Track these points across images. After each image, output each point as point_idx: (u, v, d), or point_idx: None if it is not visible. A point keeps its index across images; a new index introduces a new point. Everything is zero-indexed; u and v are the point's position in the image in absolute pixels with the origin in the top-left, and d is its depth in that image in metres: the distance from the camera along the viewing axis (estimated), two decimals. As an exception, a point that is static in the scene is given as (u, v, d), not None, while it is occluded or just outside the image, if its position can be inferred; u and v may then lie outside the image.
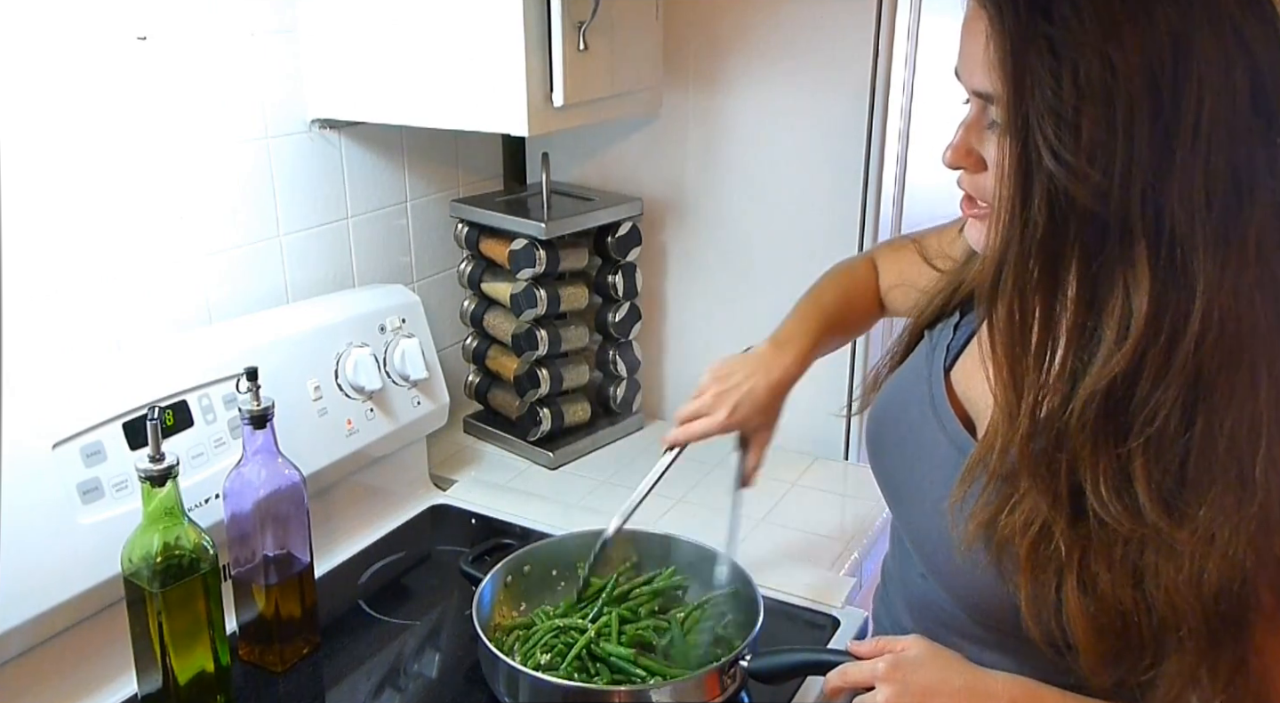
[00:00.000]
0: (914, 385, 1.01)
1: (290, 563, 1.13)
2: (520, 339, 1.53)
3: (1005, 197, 0.76)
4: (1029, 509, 0.79)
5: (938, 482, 0.91)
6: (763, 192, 1.56)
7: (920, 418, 0.97)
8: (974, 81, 0.79)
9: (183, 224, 1.26)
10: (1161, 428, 0.73)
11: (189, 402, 1.13)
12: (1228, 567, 0.72)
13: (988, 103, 0.78)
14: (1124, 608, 0.76)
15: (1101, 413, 0.75)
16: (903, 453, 0.99)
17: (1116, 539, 0.76)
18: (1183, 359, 0.72)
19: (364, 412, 1.33)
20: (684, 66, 1.56)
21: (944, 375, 0.98)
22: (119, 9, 1.14)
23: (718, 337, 1.66)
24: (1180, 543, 0.73)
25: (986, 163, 0.81)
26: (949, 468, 0.90)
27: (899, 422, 1.01)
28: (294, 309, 1.36)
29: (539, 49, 1.22)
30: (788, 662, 1.02)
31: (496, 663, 1.04)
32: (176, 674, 1.01)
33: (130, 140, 1.18)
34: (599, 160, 1.68)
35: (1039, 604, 0.80)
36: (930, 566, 0.93)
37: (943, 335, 1.02)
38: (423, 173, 1.60)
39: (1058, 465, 0.78)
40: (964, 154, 0.83)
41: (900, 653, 0.86)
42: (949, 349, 1.00)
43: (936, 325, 1.04)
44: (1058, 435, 0.77)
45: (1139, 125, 0.70)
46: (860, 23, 1.42)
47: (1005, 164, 0.75)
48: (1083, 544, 0.77)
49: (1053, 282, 0.76)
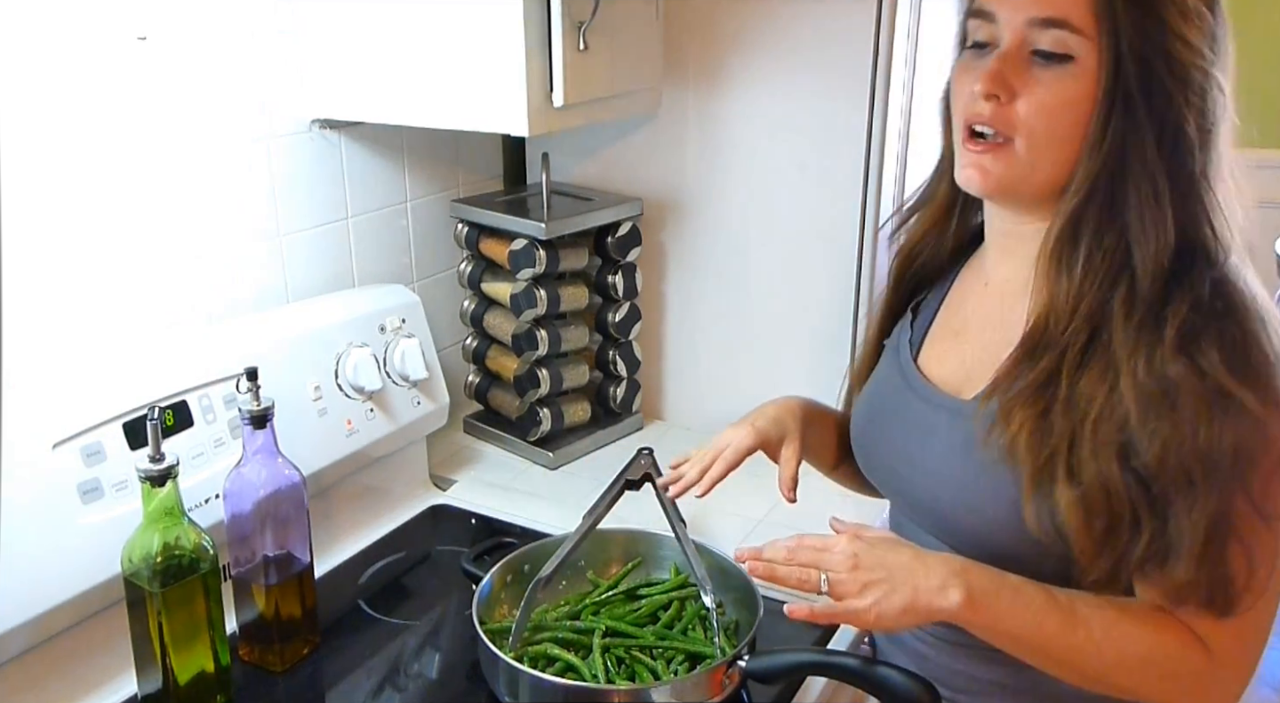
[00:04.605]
0: (887, 381, 1.10)
1: (290, 563, 1.13)
2: (520, 339, 1.53)
3: (1055, 125, 0.88)
4: (1036, 393, 0.90)
5: (935, 445, 1.01)
6: (763, 192, 1.56)
7: (901, 404, 1.06)
8: (1048, 9, 0.86)
9: (183, 224, 1.26)
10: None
11: (189, 402, 1.13)
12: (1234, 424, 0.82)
13: (1054, 30, 0.86)
14: (1111, 487, 0.85)
15: (1150, 298, 0.86)
16: (894, 439, 1.06)
17: (1105, 419, 0.86)
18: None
19: (364, 412, 1.33)
20: (684, 66, 1.56)
21: (911, 357, 1.07)
22: (119, 9, 1.14)
23: (718, 337, 1.67)
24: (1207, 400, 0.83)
25: (1017, 93, 0.88)
26: (944, 429, 1.00)
27: (883, 416, 1.09)
28: (294, 309, 1.36)
29: (539, 49, 1.22)
30: (787, 662, 1.02)
31: (496, 663, 1.04)
32: (176, 674, 1.01)
33: (130, 140, 1.18)
34: (599, 160, 1.68)
35: (1038, 499, 0.89)
36: (942, 524, 1.01)
37: (901, 334, 1.11)
38: (423, 173, 1.60)
39: (1076, 348, 0.89)
40: (1001, 84, 0.88)
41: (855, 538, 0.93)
42: (911, 343, 1.09)
43: (892, 332, 1.13)
44: (1094, 319, 0.88)
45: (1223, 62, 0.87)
46: (860, 23, 1.42)
47: (1069, 91, 0.87)
48: (1075, 429, 0.87)
49: (1112, 198, 0.88)
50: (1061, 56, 0.87)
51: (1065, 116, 0.88)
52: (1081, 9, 0.86)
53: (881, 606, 0.89)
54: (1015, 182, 0.92)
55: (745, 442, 1.12)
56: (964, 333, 1.05)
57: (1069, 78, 0.87)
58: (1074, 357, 0.89)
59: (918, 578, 0.89)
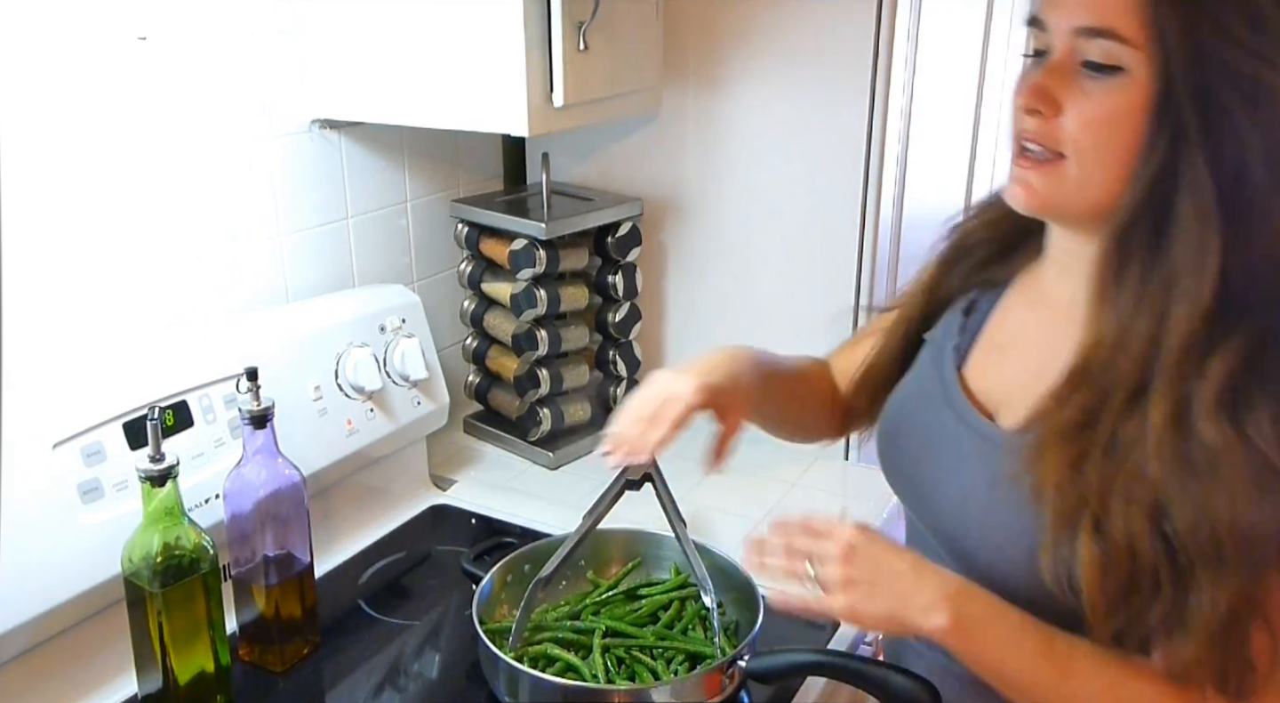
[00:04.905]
0: (925, 390, 1.01)
1: (290, 563, 1.13)
2: (520, 339, 1.53)
3: (1105, 141, 0.81)
4: (1074, 434, 0.83)
5: (962, 470, 0.94)
6: (763, 192, 1.56)
7: (935, 417, 0.98)
8: (1093, 17, 0.80)
9: (183, 224, 1.26)
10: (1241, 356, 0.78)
11: (189, 402, 1.13)
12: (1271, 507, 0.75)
13: (1101, 40, 0.79)
14: (1136, 547, 0.78)
15: (1193, 340, 0.79)
16: (921, 454, 0.99)
17: (1142, 474, 0.79)
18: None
19: (364, 412, 1.33)
20: (684, 66, 1.56)
21: (955, 373, 0.99)
22: (119, 9, 1.14)
23: (718, 337, 1.66)
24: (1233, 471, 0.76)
25: (1063, 107, 0.82)
26: (974, 456, 0.93)
27: (914, 427, 1.01)
28: (294, 309, 1.36)
29: (539, 49, 1.22)
30: (787, 662, 1.02)
31: (496, 663, 1.04)
32: (176, 674, 1.01)
33: (130, 140, 1.18)
34: (599, 160, 1.68)
35: (1057, 548, 0.82)
36: (956, 549, 0.94)
37: (946, 338, 1.02)
38: (423, 173, 1.60)
39: (1122, 391, 0.81)
40: (1043, 98, 0.83)
41: (860, 531, 0.89)
42: (957, 350, 1.00)
43: (933, 329, 1.04)
44: (1144, 360, 0.81)
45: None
46: (860, 23, 1.42)
47: (1118, 105, 0.80)
48: (1109, 480, 0.80)
49: (1161, 221, 0.80)
50: (1111, 68, 0.80)
51: (1116, 133, 0.80)
52: (1129, 17, 0.78)
53: (859, 608, 0.86)
54: (1064, 200, 0.85)
55: (693, 400, 0.97)
56: (1010, 349, 0.97)
57: (1119, 91, 0.80)
58: (1118, 401, 0.81)
59: (907, 590, 0.85)
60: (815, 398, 1.17)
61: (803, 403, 1.16)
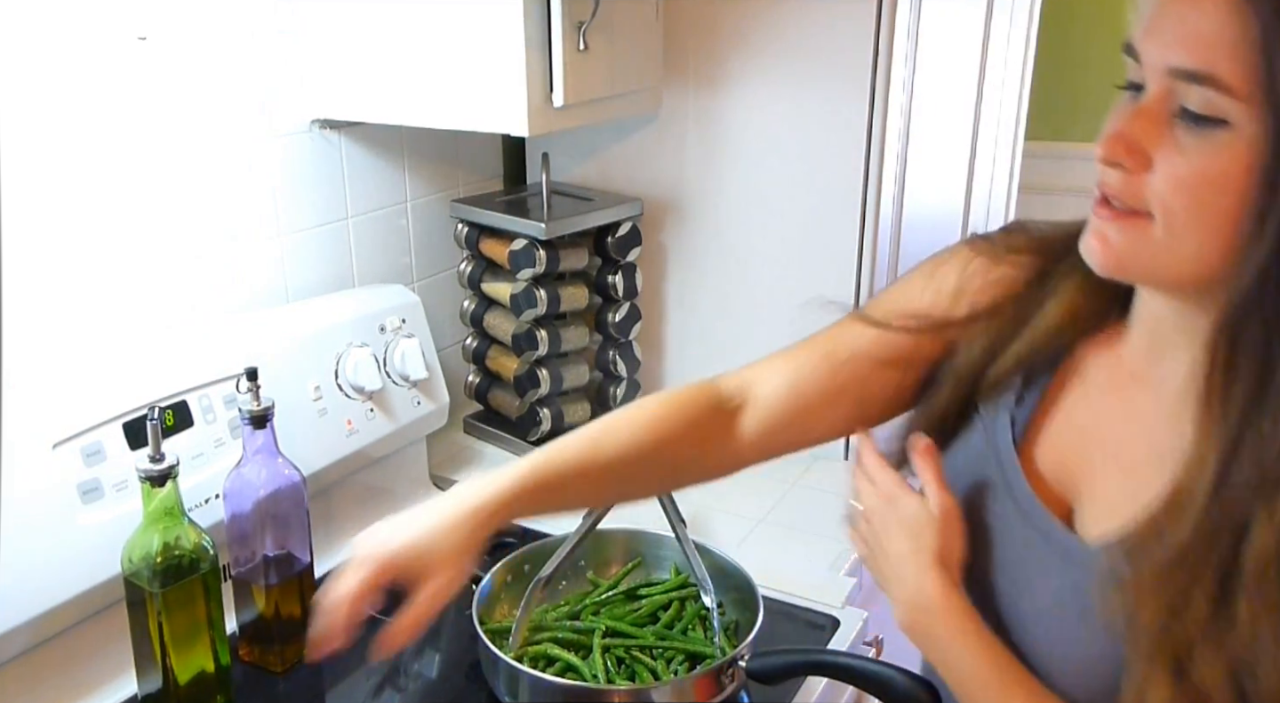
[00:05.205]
0: (976, 468, 0.85)
1: (290, 563, 1.13)
2: (520, 339, 1.53)
3: (1201, 205, 0.66)
4: (1176, 572, 0.69)
5: (1027, 580, 0.80)
6: (763, 191, 1.56)
7: (995, 510, 0.83)
8: (1192, 58, 0.65)
9: (183, 224, 1.26)
10: None
11: (189, 402, 1.13)
12: None
13: (1201, 87, 0.65)
14: (1211, 700, 0.68)
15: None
16: (978, 549, 0.83)
17: (1236, 622, 0.67)
18: None
19: (364, 412, 1.33)
20: (684, 66, 1.56)
21: (1014, 453, 0.83)
22: (119, 9, 1.14)
23: (718, 337, 1.66)
24: None
25: (1152, 161, 0.68)
26: (1047, 566, 0.79)
27: (965, 513, 0.84)
28: (294, 309, 1.36)
29: (539, 49, 1.22)
30: (787, 662, 1.02)
31: (496, 663, 1.04)
32: (176, 674, 1.01)
33: (130, 140, 1.18)
34: (599, 160, 1.68)
35: (1132, 685, 0.71)
36: (1013, 642, 0.81)
37: (1002, 407, 0.85)
38: (423, 173, 1.60)
39: (1229, 525, 0.68)
40: (1127, 149, 0.69)
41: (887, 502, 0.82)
42: (1014, 421, 0.84)
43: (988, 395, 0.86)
44: (1266, 497, 0.66)
45: None
46: (860, 22, 1.42)
47: (1218, 165, 0.65)
48: (1204, 625, 0.68)
49: (1275, 317, 0.66)
50: (1213, 120, 0.65)
51: (1214, 197, 0.66)
52: (1233, 61, 0.63)
53: (865, 562, 0.86)
54: (1148, 264, 0.71)
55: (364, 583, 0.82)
56: (1092, 433, 0.81)
57: (1220, 147, 0.65)
58: (1225, 538, 0.68)
59: (891, 575, 0.82)
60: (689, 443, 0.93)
61: (672, 458, 0.93)
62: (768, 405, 0.93)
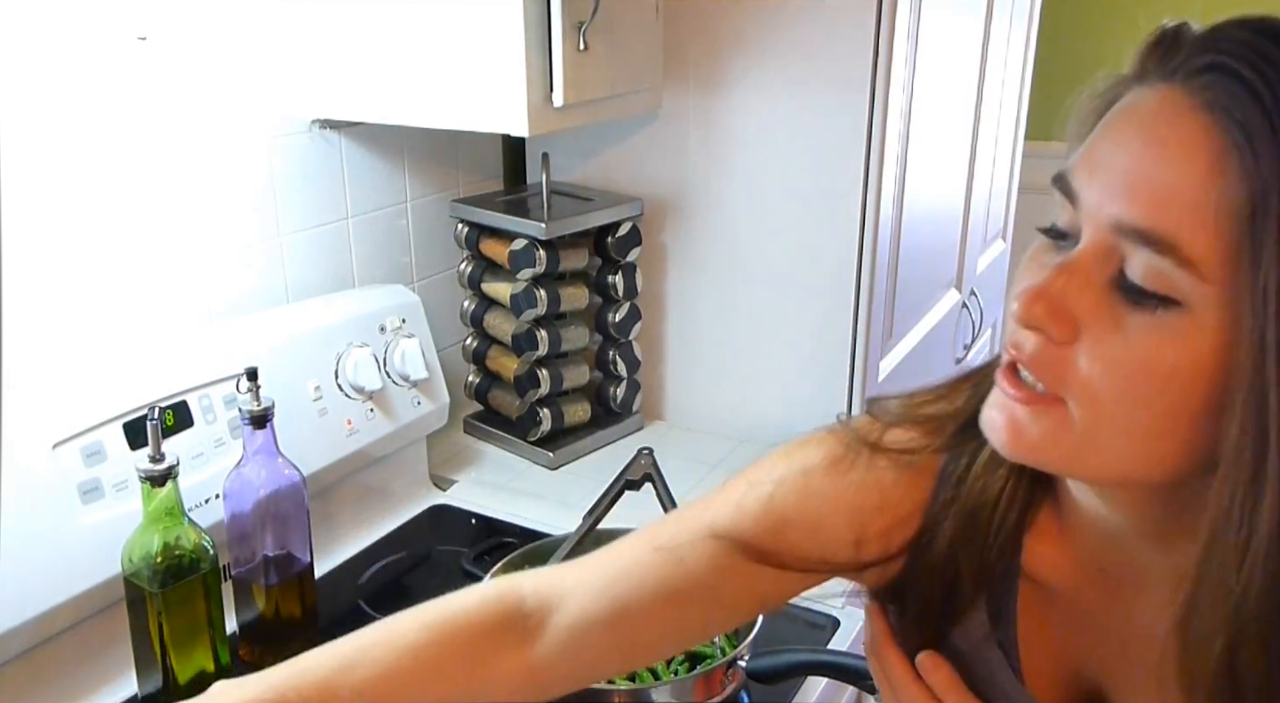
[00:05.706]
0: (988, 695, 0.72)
1: (290, 563, 1.13)
2: (520, 339, 1.53)
3: (1134, 399, 0.53)
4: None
5: None
6: (763, 191, 1.56)
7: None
8: (1145, 214, 0.51)
9: (183, 224, 1.26)
10: None
11: (189, 402, 1.13)
12: None
13: (1151, 252, 0.51)
14: None
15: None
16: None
17: None
18: None
19: (364, 412, 1.33)
20: (684, 66, 1.56)
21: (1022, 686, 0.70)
22: (119, 9, 1.15)
23: (718, 337, 1.67)
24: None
25: (1078, 333, 0.54)
26: None
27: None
28: (294, 309, 1.36)
29: (539, 49, 1.22)
30: (787, 662, 1.02)
31: (496, 663, 1.03)
32: (176, 674, 1.01)
33: (130, 140, 1.18)
34: (599, 160, 1.68)
35: None
36: None
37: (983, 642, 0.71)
38: (423, 173, 1.60)
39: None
40: (1050, 311, 0.54)
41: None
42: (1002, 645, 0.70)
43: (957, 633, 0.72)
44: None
45: None
46: (860, 23, 1.42)
47: (1165, 357, 0.51)
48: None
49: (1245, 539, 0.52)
50: (1163, 298, 0.51)
51: (1155, 392, 0.52)
52: (1202, 229, 0.49)
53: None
54: (1062, 457, 0.57)
55: None
56: (1085, 630, 0.69)
57: (1169, 334, 0.51)
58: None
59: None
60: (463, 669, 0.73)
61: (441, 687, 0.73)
62: (582, 613, 0.74)
